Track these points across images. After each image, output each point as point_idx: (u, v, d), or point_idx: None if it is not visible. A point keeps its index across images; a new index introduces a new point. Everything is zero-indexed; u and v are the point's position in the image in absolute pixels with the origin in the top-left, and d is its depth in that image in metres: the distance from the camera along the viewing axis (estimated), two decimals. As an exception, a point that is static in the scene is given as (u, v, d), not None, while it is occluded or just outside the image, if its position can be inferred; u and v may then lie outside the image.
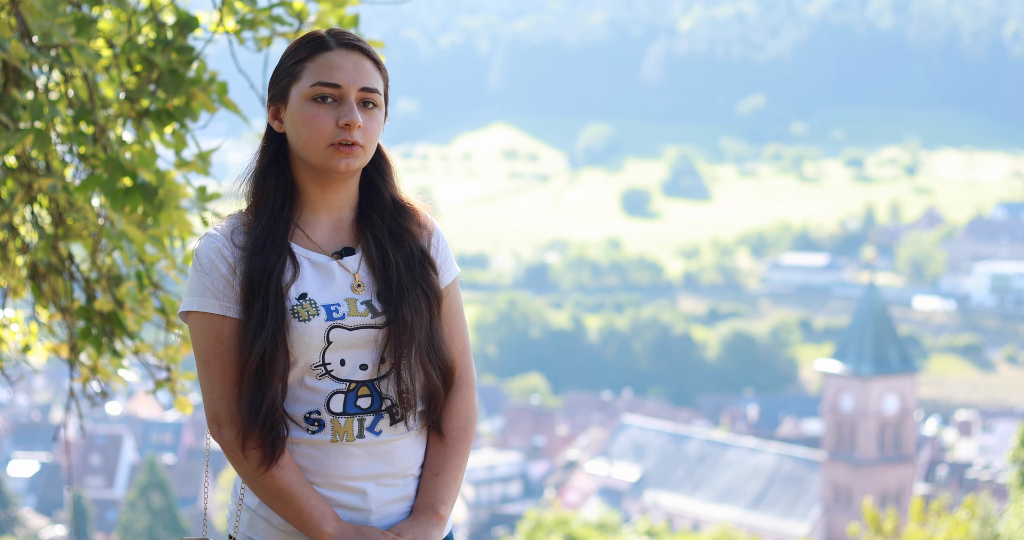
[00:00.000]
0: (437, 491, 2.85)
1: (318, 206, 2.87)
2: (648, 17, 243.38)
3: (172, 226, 4.65)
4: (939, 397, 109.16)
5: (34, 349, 5.10)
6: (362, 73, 2.80)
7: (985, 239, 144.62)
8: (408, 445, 2.85)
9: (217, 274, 2.80)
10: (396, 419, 2.82)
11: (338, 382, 2.79)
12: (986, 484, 62.30)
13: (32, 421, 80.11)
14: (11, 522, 54.39)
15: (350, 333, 2.79)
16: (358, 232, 2.89)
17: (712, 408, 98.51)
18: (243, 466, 2.79)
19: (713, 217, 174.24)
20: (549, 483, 79.41)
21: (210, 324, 2.80)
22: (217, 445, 2.89)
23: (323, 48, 2.82)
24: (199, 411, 61.97)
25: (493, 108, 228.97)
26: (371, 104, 2.82)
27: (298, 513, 2.77)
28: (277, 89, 2.86)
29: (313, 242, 2.86)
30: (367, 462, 2.81)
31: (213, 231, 2.85)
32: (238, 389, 2.78)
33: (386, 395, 2.82)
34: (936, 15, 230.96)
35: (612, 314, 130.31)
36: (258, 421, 2.75)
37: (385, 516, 2.84)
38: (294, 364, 2.78)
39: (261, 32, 4.78)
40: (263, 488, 2.79)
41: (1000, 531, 28.36)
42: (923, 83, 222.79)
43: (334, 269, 2.84)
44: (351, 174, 2.84)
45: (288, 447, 2.80)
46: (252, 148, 2.97)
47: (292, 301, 2.78)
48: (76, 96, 4.67)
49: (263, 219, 2.83)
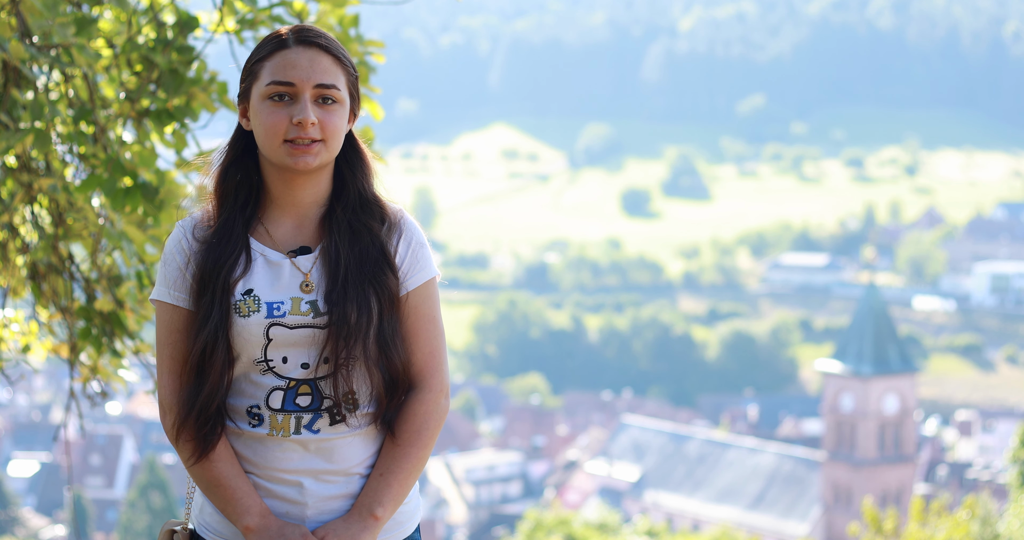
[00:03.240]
0: (378, 492, 2.83)
1: (284, 203, 2.88)
2: (648, 17, 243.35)
3: (172, 226, 4.65)
4: (939, 397, 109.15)
5: (34, 349, 5.10)
6: (317, 70, 2.80)
7: (985, 239, 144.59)
8: (351, 444, 2.84)
9: (174, 265, 2.86)
10: (336, 419, 2.82)
11: (279, 379, 2.81)
12: (986, 484, 62.30)
13: (32, 421, 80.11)
14: (11, 522, 54.39)
15: (290, 331, 2.80)
16: (322, 231, 2.88)
17: (712, 408, 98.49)
18: (180, 455, 2.85)
19: (713, 217, 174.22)
20: (549, 483, 79.39)
21: (164, 312, 2.86)
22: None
23: (281, 46, 2.83)
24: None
25: (493, 108, 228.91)
26: (330, 100, 2.81)
27: (225, 504, 2.81)
28: (242, 88, 2.89)
29: (272, 239, 2.87)
30: (304, 457, 2.82)
31: (181, 222, 2.91)
32: (180, 380, 2.83)
33: (327, 395, 2.81)
34: (936, 15, 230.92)
35: (612, 314, 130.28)
36: (192, 415, 2.80)
37: (323, 511, 2.84)
38: (237, 359, 2.81)
39: (261, 32, 4.78)
40: (196, 477, 2.85)
41: (1000, 531, 28.38)
42: (923, 83, 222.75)
43: (285, 267, 2.84)
44: (312, 171, 2.83)
45: (231, 437, 2.84)
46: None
47: (237, 296, 2.81)
48: (76, 96, 4.67)
49: (224, 215, 2.86)
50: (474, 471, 77.41)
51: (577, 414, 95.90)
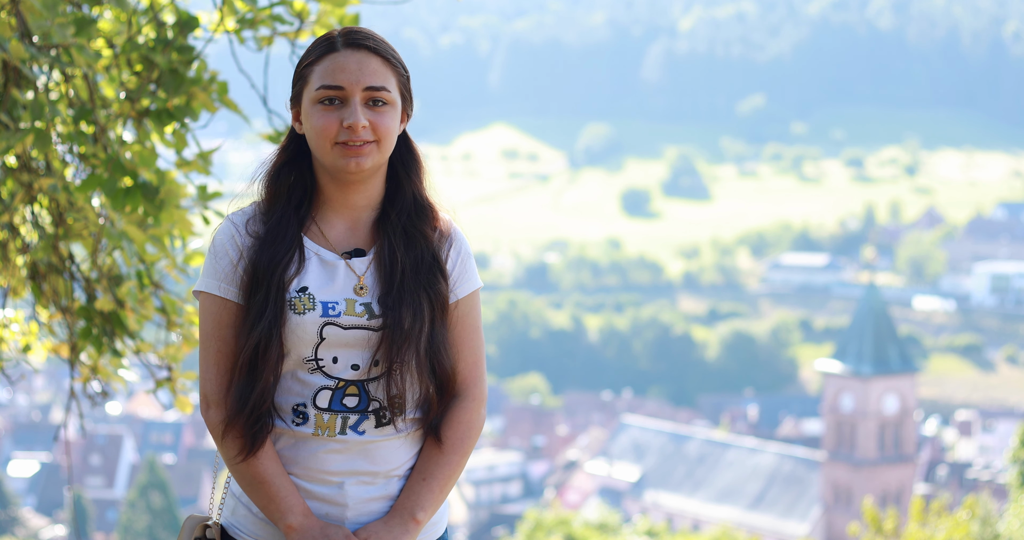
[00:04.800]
0: (419, 496, 2.85)
1: (337, 205, 2.89)
2: (648, 17, 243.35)
3: (172, 225, 4.65)
4: (939, 397, 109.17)
5: (34, 349, 5.10)
6: (366, 72, 2.81)
7: (985, 239, 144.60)
8: (393, 446, 2.86)
9: (226, 259, 2.86)
10: (382, 422, 2.84)
11: (328, 378, 2.82)
12: (986, 484, 62.32)
13: (32, 421, 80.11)
14: (11, 522, 54.39)
15: (344, 332, 2.81)
16: (376, 233, 2.90)
17: (712, 408, 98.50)
18: (223, 452, 2.84)
19: (713, 217, 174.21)
20: (549, 483, 79.41)
21: (212, 305, 2.86)
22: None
23: (330, 50, 2.84)
24: (199, 411, 62.56)
25: (493, 108, 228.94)
26: (380, 102, 2.82)
27: (267, 502, 2.81)
28: (293, 93, 2.90)
29: (327, 239, 2.88)
30: (347, 458, 2.83)
31: (232, 216, 2.90)
32: (229, 375, 2.83)
33: (374, 397, 2.83)
34: (936, 15, 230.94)
35: (612, 314, 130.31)
36: (244, 412, 2.80)
37: (363, 513, 2.85)
38: (287, 356, 2.81)
39: (261, 31, 4.78)
40: (239, 474, 2.84)
41: (1000, 531, 28.37)
42: (923, 83, 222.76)
43: (340, 268, 2.85)
44: (364, 173, 2.85)
45: (271, 435, 2.84)
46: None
47: (291, 293, 2.81)
48: (76, 96, 4.67)
49: (276, 213, 2.87)
50: (474, 471, 77.42)
51: (577, 414, 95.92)
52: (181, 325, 4.89)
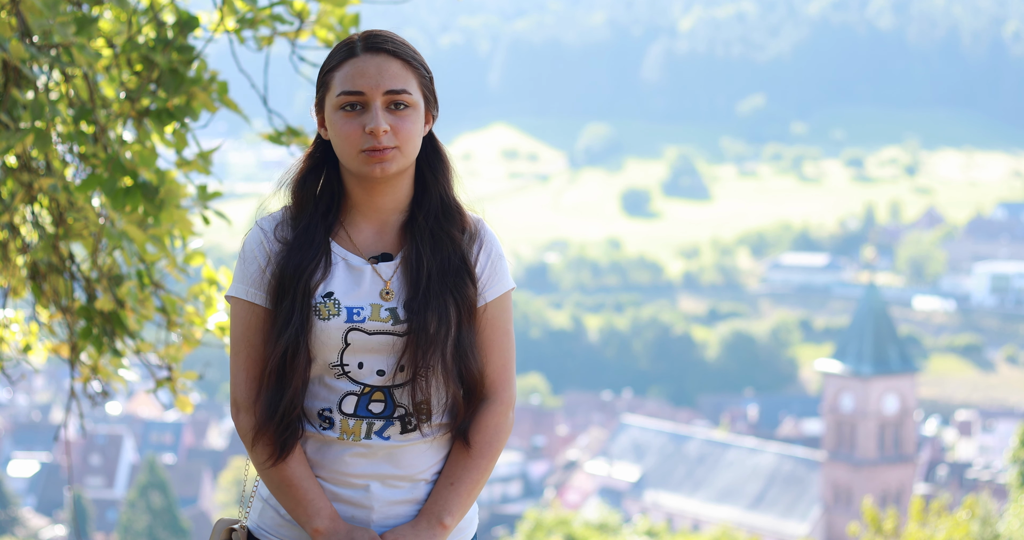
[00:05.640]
0: (448, 501, 2.84)
1: (365, 209, 2.88)
2: (648, 17, 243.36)
3: (173, 225, 4.65)
4: (939, 397, 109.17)
5: (34, 349, 5.10)
6: (386, 76, 2.80)
7: (985, 239, 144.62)
8: (421, 451, 2.85)
9: (255, 264, 2.86)
10: (408, 428, 2.83)
11: (353, 384, 2.81)
12: (986, 484, 62.33)
13: (32, 421, 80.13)
14: (11, 522, 54.40)
15: (368, 337, 2.80)
16: (404, 237, 2.89)
17: (712, 408, 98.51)
18: (253, 457, 2.85)
19: (713, 217, 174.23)
20: (549, 483, 79.42)
21: (241, 310, 2.87)
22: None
23: (350, 55, 2.83)
24: (199, 411, 62.49)
25: (493, 108, 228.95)
26: (402, 105, 2.81)
27: (295, 506, 2.81)
28: (317, 99, 2.90)
29: (354, 244, 2.87)
30: (372, 462, 2.83)
31: (260, 221, 2.91)
32: (259, 381, 2.83)
33: (400, 403, 2.82)
34: (936, 15, 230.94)
35: (612, 314, 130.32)
36: (274, 419, 2.80)
37: (389, 516, 2.84)
38: (313, 361, 2.81)
39: (261, 31, 4.78)
40: (268, 478, 2.84)
41: (1000, 531, 28.38)
42: (923, 83, 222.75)
43: (367, 273, 2.85)
44: (390, 178, 2.85)
45: (299, 439, 2.85)
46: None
47: (317, 299, 2.81)
48: (76, 96, 4.67)
49: (304, 219, 2.87)
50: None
51: (577, 414, 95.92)
52: (181, 325, 4.89)
